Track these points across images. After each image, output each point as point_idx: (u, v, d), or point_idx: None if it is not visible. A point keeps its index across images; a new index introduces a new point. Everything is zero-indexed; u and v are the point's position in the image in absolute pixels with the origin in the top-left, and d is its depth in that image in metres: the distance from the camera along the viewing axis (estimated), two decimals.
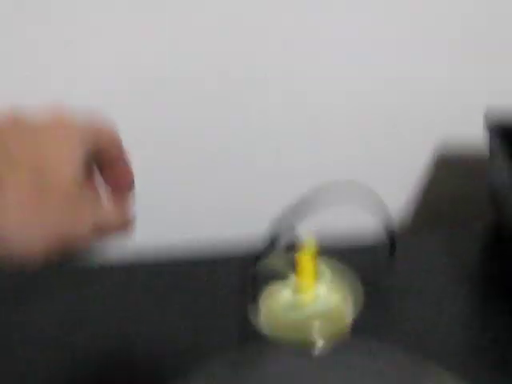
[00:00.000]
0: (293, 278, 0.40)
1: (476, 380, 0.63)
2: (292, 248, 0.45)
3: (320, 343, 0.40)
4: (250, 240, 0.80)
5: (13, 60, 0.85)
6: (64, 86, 0.86)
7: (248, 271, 0.72)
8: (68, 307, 0.77)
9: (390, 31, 0.86)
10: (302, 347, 0.40)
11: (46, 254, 0.54)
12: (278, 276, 0.43)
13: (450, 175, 0.94)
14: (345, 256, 0.78)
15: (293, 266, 0.41)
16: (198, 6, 0.83)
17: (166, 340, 0.71)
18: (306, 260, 0.39)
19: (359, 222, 0.90)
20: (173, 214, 0.92)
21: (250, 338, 0.58)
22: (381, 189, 0.93)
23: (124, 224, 0.59)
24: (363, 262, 0.79)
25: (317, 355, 0.47)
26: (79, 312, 0.76)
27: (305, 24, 0.84)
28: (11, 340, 0.73)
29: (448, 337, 0.71)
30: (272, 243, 0.74)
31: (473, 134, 0.89)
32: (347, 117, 0.89)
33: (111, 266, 0.83)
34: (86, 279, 0.81)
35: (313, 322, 0.40)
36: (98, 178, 0.60)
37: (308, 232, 0.39)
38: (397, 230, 0.94)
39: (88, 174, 0.58)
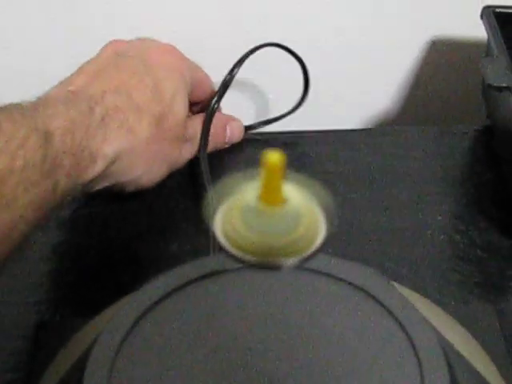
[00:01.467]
0: (256, 194, 0.34)
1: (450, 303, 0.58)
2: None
3: (286, 263, 0.34)
4: None
5: None
6: None
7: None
8: None
9: None
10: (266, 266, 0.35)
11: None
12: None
13: (442, 71, 0.87)
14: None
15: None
16: None
17: None
18: (270, 175, 0.33)
19: None
20: None
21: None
22: (370, 84, 0.86)
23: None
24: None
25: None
26: None
27: None
28: None
29: (425, 251, 0.66)
30: None
31: (468, 29, 0.82)
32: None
33: None
34: None
35: (279, 242, 0.34)
36: None
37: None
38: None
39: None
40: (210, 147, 0.69)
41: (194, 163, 0.69)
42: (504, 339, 0.55)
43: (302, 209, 0.36)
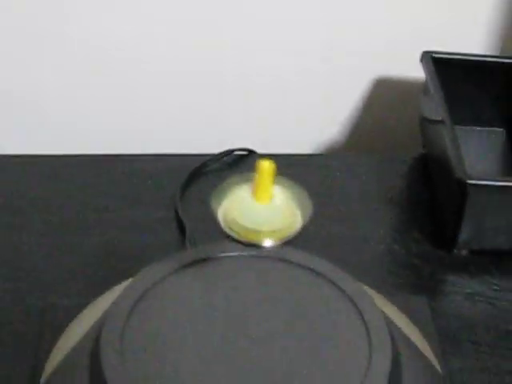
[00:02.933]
0: (249, 190, 0.46)
1: (392, 296, 0.69)
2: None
3: (269, 243, 0.46)
4: None
5: None
6: None
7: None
8: None
9: None
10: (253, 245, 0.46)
11: None
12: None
13: (384, 107, 0.99)
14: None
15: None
16: None
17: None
18: (263, 175, 0.45)
19: None
20: None
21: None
22: (323, 115, 0.99)
23: None
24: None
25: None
26: None
27: None
28: None
29: (371, 257, 0.77)
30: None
31: (409, 70, 0.93)
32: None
33: None
34: None
35: (265, 226, 0.46)
36: None
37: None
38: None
39: None
40: None
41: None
42: (435, 329, 0.67)
43: (284, 206, 0.47)
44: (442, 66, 0.86)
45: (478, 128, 0.91)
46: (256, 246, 0.47)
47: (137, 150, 0.89)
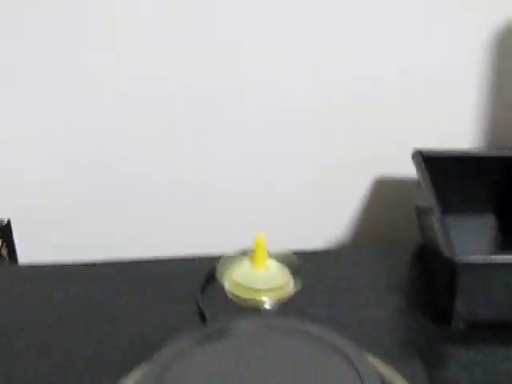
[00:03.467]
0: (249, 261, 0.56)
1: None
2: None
3: (268, 305, 0.55)
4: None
5: None
6: None
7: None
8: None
9: None
10: (254, 306, 0.56)
11: None
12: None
13: (385, 204, 1.09)
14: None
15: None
16: None
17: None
18: (259, 247, 0.55)
19: None
20: None
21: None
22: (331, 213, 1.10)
23: None
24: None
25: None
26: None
27: None
28: None
29: (374, 335, 0.86)
30: None
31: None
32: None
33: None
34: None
35: (263, 291, 0.55)
36: None
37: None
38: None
39: None
40: None
41: None
42: None
43: (278, 272, 0.57)
44: (431, 161, 0.97)
45: (469, 215, 1.00)
46: (257, 309, 0.57)
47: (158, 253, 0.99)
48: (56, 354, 0.83)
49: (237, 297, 0.57)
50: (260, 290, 0.56)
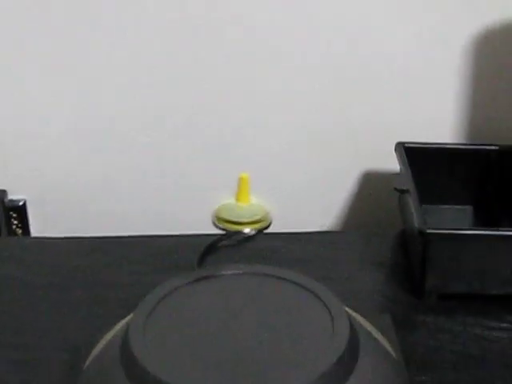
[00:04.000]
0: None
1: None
2: None
3: (248, 231, 0.64)
4: None
5: None
6: None
7: None
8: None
9: None
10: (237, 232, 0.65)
11: None
12: None
13: (373, 196, 1.18)
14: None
15: None
16: None
17: None
18: (243, 182, 0.64)
19: None
20: None
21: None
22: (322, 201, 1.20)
23: None
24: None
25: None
26: None
27: None
28: None
29: (351, 301, 0.93)
30: None
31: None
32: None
33: None
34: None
35: (245, 218, 0.64)
36: None
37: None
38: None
39: None
40: None
41: None
42: (396, 336, 0.82)
43: (259, 205, 0.66)
44: (412, 153, 1.06)
45: (447, 206, 1.09)
46: (239, 233, 0.66)
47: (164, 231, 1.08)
48: (66, 308, 0.92)
49: (222, 229, 0.66)
50: (241, 222, 0.65)
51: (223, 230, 0.67)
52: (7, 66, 1.13)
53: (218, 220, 0.67)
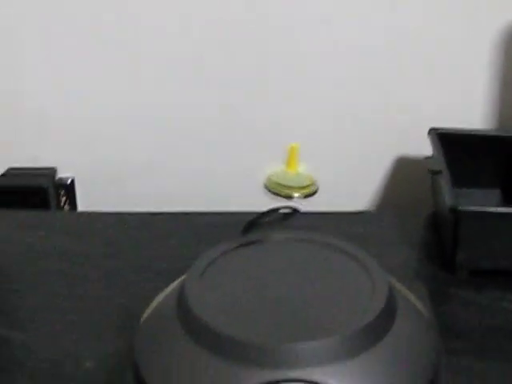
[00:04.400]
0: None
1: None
2: None
3: (297, 196, 0.70)
4: None
5: None
6: None
7: None
8: None
9: None
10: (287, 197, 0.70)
11: None
12: None
13: (406, 176, 1.25)
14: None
15: None
16: None
17: None
18: (292, 151, 0.69)
19: None
20: None
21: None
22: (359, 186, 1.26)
23: None
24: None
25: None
26: None
27: None
28: None
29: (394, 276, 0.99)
30: None
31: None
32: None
33: None
34: None
35: (294, 188, 0.70)
36: None
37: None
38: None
39: None
40: None
41: None
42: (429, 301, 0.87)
43: (306, 174, 0.72)
44: (445, 138, 1.11)
45: (476, 189, 1.14)
46: (289, 197, 0.72)
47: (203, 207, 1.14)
48: (118, 276, 0.98)
49: (274, 193, 0.72)
50: (292, 186, 0.71)
51: (274, 193, 0.73)
52: (58, 43, 1.19)
53: (270, 184, 0.73)
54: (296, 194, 0.73)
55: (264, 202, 1.09)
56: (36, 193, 1.19)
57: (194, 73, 1.21)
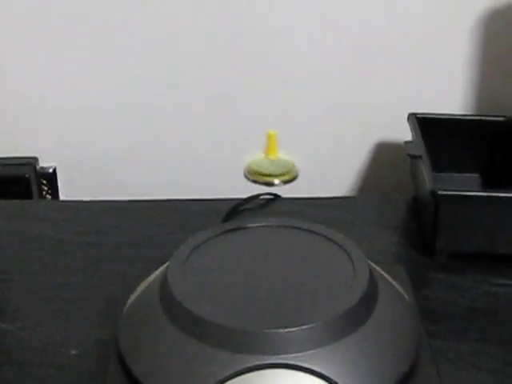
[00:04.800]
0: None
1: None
2: None
3: (277, 183, 0.71)
4: None
5: None
6: None
7: None
8: None
9: None
10: (268, 184, 0.71)
11: None
12: None
13: (383, 161, 1.27)
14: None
15: None
16: None
17: None
18: (271, 138, 0.70)
19: None
20: None
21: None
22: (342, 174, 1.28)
23: None
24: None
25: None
26: None
27: None
28: None
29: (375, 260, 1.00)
30: None
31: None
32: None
33: None
34: None
35: (274, 172, 0.71)
36: None
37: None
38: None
39: None
40: None
41: None
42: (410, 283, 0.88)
43: (286, 160, 0.72)
44: (424, 123, 1.12)
45: (456, 174, 1.15)
46: (269, 184, 0.73)
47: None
48: (102, 264, 0.99)
49: (254, 181, 0.73)
50: (271, 174, 0.72)
51: (254, 181, 0.74)
52: (39, 32, 1.19)
53: (250, 172, 0.74)
54: (276, 181, 0.74)
55: (246, 189, 1.10)
56: (18, 182, 1.20)
57: (174, 61, 1.22)
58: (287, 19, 1.20)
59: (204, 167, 1.25)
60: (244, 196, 1.08)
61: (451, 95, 1.23)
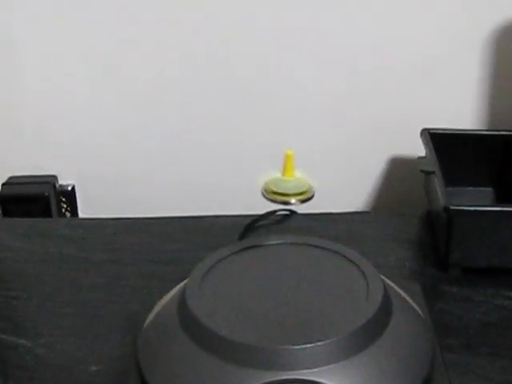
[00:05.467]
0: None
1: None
2: None
3: (294, 202, 0.72)
4: None
5: None
6: None
7: None
8: None
9: None
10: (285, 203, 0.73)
11: None
12: None
13: (401, 180, 1.27)
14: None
15: None
16: None
17: None
18: (288, 158, 0.72)
19: None
20: None
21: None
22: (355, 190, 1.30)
23: None
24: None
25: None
26: None
27: None
28: None
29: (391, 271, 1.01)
30: None
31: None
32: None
33: None
34: None
35: (291, 191, 0.72)
36: None
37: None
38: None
39: None
40: None
41: None
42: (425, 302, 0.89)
43: (302, 179, 0.74)
44: (437, 138, 1.13)
45: (469, 188, 1.17)
46: (286, 203, 0.74)
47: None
48: (122, 282, 1.01)
49: (271, 200, 0.75)
50: (288, 193, 0.74)
51: (271, 200, 0.76)
52: (56, 53, 1.22)
53: (267, 191, 0.76)
54: (293, 200, 0.76)
55: (262, 206, 1.11)
56: (37, 201, 1.22)
57: (192, 85, 1.23)
58: (305, 41, 1.21)
59: (221, 185, 1.27)
60: (260, 212, 1.10)
61: (464, 110, 1.24)
